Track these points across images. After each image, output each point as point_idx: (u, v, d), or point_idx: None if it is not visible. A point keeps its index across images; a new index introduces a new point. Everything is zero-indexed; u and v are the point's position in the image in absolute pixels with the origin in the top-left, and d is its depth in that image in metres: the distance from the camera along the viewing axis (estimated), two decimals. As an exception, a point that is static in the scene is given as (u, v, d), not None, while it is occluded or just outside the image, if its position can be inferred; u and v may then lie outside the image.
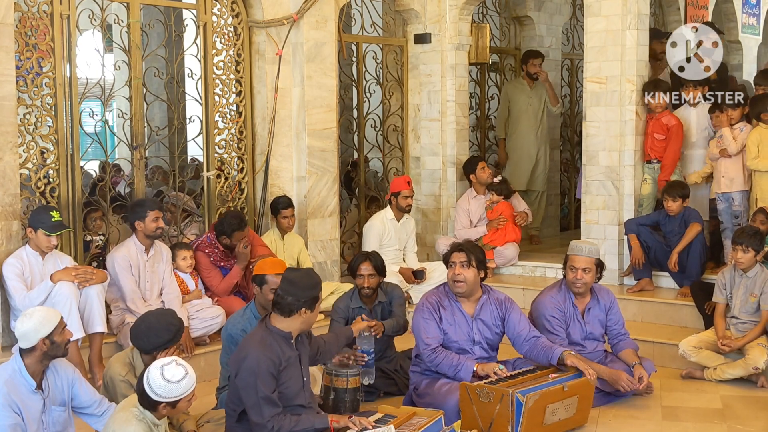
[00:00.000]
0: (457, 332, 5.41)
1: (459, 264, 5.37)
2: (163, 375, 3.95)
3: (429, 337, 5.35)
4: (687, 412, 5.58)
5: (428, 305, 5.44)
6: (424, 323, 5.39)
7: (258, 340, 4.44)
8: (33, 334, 4.20)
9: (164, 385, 3.94)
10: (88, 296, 5.83)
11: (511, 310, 5.50)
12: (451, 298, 5.47)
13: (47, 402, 4.30)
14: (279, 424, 4.33)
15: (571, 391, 5.12)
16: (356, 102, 8.85)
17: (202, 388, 5.96)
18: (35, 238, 5.80)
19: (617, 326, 5.86)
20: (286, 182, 7.65)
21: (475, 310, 5.46)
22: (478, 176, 8.49)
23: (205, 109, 7.31)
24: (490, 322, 5.47)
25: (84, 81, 6.75)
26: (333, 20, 7.77)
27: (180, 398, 4.00)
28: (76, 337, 5.46)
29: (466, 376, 5.23)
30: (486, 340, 5.47)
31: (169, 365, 3.99)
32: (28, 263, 5.82)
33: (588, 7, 7.74)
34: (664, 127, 7.57)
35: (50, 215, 5.80)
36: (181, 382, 3.96)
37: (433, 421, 4.68)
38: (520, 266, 8.43)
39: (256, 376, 4.33)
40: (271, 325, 4.50)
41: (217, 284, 6.78)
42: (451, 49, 8.75)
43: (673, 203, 7.08)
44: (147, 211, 6.24)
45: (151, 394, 3.95)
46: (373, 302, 6.04)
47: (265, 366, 4.35)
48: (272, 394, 4.36)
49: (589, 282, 5.72)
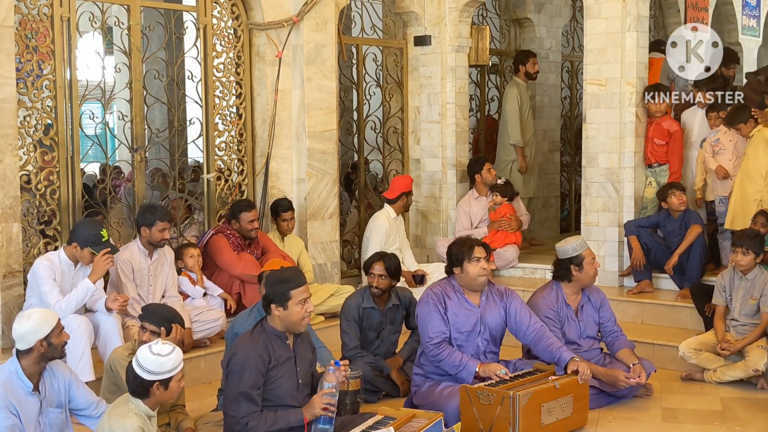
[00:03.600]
0: (465, 322, 5.43)
1: (484, 259, 5.43)
2: (152, 350, 4.01)
3: (433, 331, 5.36)
4: (687, 414, 5.58)
5: (433, 296, 5.45)
6: (429, 317, 5.39)
7: (250, 337, 4.48)
8: (30, 336, 4.21)
9: (154, 360, 3.97)
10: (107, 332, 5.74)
11: (513, 299, 5.54)
12: (456, 291, 5.48)
13: (44, 404, 4.30)
14: (254, 422, 4.32)
15: (564, 390, 5.13)
16: (356, 104, 8.85)
17: (202, 389, 5.99)
18: (78, 253, 5.72)
19: (610, 323, 5.91)
20: (286, 184, 7.66)
21: (480, 300, 5.49)
22: (484, 177, 8.48)
23: (206, 111, 7.32)
24: (495, 313, 5.50)
25: (84, 83, 6.75)
26: (333, 22, 7.77)
27: (171, 375, 4.01)
28: (88, 380, 5.23)
29: (467, 377, 5.24)
30: (490, 331, 5.49)
31: (155, 344, 4.07)
32: (60, 269, 5.72)
33: (588, 9, 7.75)
34: (665, 132, 7.59)
35: (101, 235, 5.72)
36: (170, 354, 4.01)
37: (433, 422, 4.69)
38: (520, 268, 8.43)
39: (242, 370, 4.35)
40: (266, 324, 4.53)
41: (235, 262, 6.83)
42: (451, 51, 8.75)
43: (676, 199, 7.10)
44: (156, 221, 6.23)
45: (142, 373, 3.98)
46: (385, 304, 6.03)
47: (253, 361, 4.36)
48: (254, 391, 4.35)
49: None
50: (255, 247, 7.10)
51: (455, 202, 8.78)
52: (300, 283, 4.47)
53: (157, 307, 5.02)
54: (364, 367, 5.67)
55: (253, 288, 6.65)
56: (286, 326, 4.49)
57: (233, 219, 7.01)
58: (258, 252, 7.09)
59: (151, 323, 4.79)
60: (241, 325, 5.25)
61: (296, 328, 4.50)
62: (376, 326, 6.02)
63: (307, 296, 4.48)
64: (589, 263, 5.77)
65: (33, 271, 5.72)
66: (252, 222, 6.97)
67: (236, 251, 6.95)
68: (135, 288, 6.25)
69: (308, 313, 4.48)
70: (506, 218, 8.36)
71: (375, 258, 6.05)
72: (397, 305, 6.07)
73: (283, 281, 4.47)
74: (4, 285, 5.93)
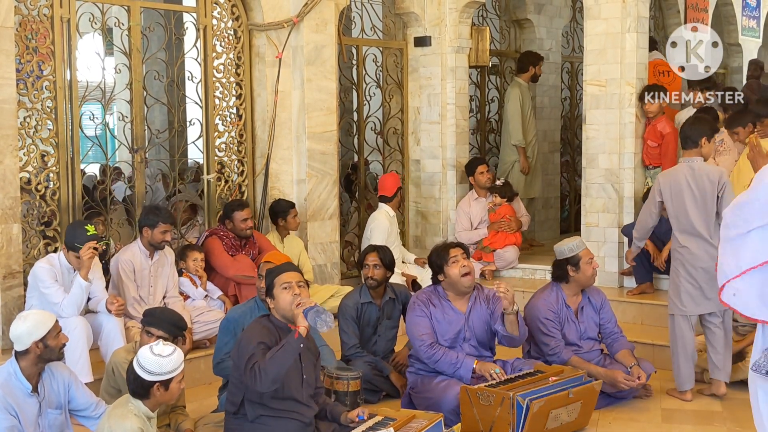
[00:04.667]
0: (449, 330, 5.41)
1: (462, 256, 5.40)
2: (153, 351, 4.03)
3: (423, 333, 5.36)
4: (687, 414, 5.58)
5: (419, 303, 5.47)
6: (417, 320, 5.41)
7: (258, 323, 4.55)
8: (26, 337, 4.21)
9: (155, 360, 3.99)
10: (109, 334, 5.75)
11: (497, 305, 5.49)
12: (441, 297, 5.48)
13: (43, 405, 4.30)
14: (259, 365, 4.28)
15: (576, 398, 5.14)
16: (356, 105, 8.85)
17: (202, 390, 5.98)
18: (67, 257, 5.74)
19: (610, 324, 5.91)
20: (286, 185, 7.66)
21: (467, 307, 5.48)
22: (477, 179, 8.51)
23: (206, 112, 7.32)
24: (481, 320, 5.48)
25: (84, 84, 6.76)
26: (333, 23, 7.77)
27: (172, 376, 4.02)
28: (86, 381, 5.21)
29: (465, 373, 5.24)
30: (476, 337, 5.48)
31: (156, 344, 4.09)
32: (60, 271, 5.73)
33: (588, 10, 7.75)
34: (659, 134, 7.58)
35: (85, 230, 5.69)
36: (171, 356, 4.03)
37: (433, 423, 4.68)
38: (520, 269, 8.43)
39: (248, 344, 4.38)
40: (272, 316, 4.59)
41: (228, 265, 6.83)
42: (451, 52, 8.75)
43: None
44: (159, 222, 6.24)
45: (142, 373, 3.99)
46: (381, 298, 6.06)
47: (259, 337, 4.39)
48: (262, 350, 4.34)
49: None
50: (251, 248, 7.09)
51: (455, 203, 8.78)
52: (282, 271, 4.58)
53: (163, 312, 4.98)
54: (364, 367, 5.68)
55: (249, 289, 6.67)
56: (283, 316, 4.53)
57: (227, 219, 7.01)
58: (254, 252, 7.08)
59: (159, 329, 4.73)
60: (234, 311, 5.35)
61: (288, 314, 4.49)
62: (373, 322, 6.06)
63: (289, 280, 4.51)
64: (586, 263, 5.75)
65: (33, 273, 5.73)
66: (245, 221, 6.97)
67: (231, 252, 6.95)
68: (136, 288, 6.26)
69: (296, 296, 4.47)
70: (506, 219, 8.37)
71: (368, 249, 6.12)
72: (394, 299, 6.11)
73: (270, 273, 4.60)
74: (4, 286, 5.93)
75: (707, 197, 5.74)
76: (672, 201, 5.86)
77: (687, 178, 5.79)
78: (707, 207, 5.77)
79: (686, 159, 5.86)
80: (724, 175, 5.72)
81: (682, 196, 5.79)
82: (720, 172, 5.76)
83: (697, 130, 5.87)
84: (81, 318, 5.64)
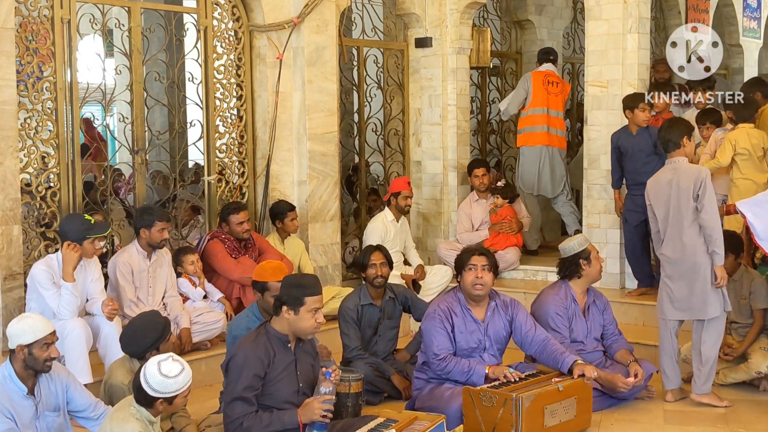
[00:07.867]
0: (469, 340, 5.39)
1: (481, 267, 5.36)
2: (160, 370, 3.97)
3: (439, 348, 5.32)
4: (689, 415, 5.57)
5: (440, 313, 5.39)
6: (436, 333, 5.35)
7: (250, 339, 4.49)
8: (14, 338, 4.21)
9: (161, 380, 3.95)
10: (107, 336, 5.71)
11: (518, 311, 5.51)
12: (462, 305, 5.44)
13: (40, 407, 4.28)
14: (249, 422, 4.31)
15: (567, 392, 5.12)
16: (357, 106, 8.85)
17: (203, 392, 5.97)
18: (73, 250, 5.69)
19: (611, 326, 5.97)
20: (287, 186, 7.65)
21: (485, 315, 5.46)
22: (472, 182, 8.51)
23: (206, 113, 7.31)
24: (499, 326, 5.47)
25: (85, 85, 6.76)
26: (334, 24, 7.76)
27: (177, 394, 4.00)
28: (85, 383, 5.19)
29: (478, 380, 5.21)
30: (496, 345, 5.47)
31: (165, 361, 4.02)
32: (58, 272, 5.70)
33: (589, 10, 7.74)
34: None
35: (88, 221, 5.71)
36: (178, 377, 3.98)
37: (435, 425, 4.67)
38: (521, 270, 8.42)
39: (240, 372, 4.35)
40: (269, 327, 4.53)
41: (232, 267, 6.81)
42: (452, 53, 8.75)
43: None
44: (155, 221, 6.22)
45: (148, 390, 3.96)
46: (382, 298, 6.05)
47: (251, 363, 4.36)
48: (250, 393, 4.35)
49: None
50: (252, 250, 7.07)
51: (456, 205, 8.77)
52: (316, 292, 4.48)
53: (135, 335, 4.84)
54: (366, 369, 5.67)
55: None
56: (293, 330, 4.49)
57: (223, 222, 6.99)
58: (255, 254, 7.06)
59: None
60: (237, 327, 5.24)
61: (303, 334, 4.51)
62: (374, 323, 6.05)
63: (319, 306, 4.47)
64: (595, 257, 5.83)
65: (32, 275, 5.72)
66: (241, 224, 6.93)
67: (234, 255, 6.92)
68: (134, 290, 6.24)
69: (318, 323, 4.47)
70: (507, 220, 8.36)
71: (370, 249, 6.10)
72: (393, 299, 6.10)
73: (301, 286, 4.47)
74: (5, 287, 5.92)
75: (686, 195, 5.64)
76: (656, 203, 5.84)
77: (669, 179, 5.77)
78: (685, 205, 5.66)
79: (670, 160, 5.84)
80: (703, 172, 5.69)
81: (663, 197, 5.76)
82: (699, 170, 5.73)
83: (676, 132, 5.84)
84: (80, 320, 5.63)
